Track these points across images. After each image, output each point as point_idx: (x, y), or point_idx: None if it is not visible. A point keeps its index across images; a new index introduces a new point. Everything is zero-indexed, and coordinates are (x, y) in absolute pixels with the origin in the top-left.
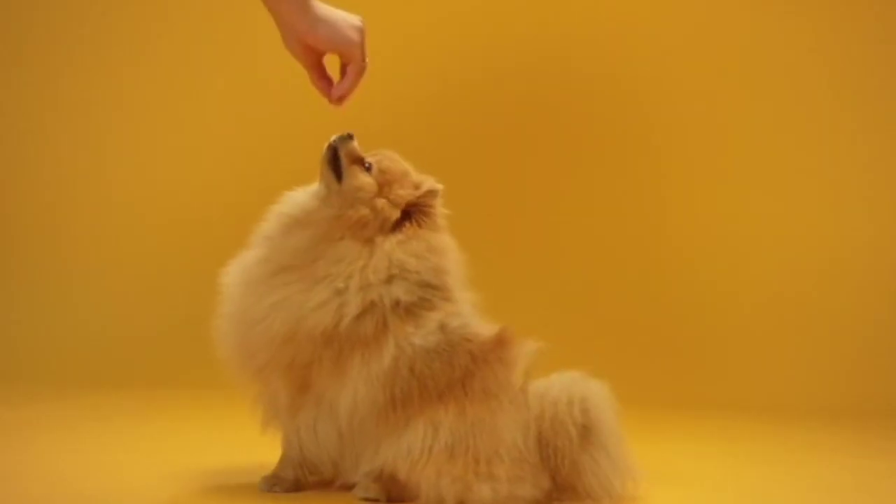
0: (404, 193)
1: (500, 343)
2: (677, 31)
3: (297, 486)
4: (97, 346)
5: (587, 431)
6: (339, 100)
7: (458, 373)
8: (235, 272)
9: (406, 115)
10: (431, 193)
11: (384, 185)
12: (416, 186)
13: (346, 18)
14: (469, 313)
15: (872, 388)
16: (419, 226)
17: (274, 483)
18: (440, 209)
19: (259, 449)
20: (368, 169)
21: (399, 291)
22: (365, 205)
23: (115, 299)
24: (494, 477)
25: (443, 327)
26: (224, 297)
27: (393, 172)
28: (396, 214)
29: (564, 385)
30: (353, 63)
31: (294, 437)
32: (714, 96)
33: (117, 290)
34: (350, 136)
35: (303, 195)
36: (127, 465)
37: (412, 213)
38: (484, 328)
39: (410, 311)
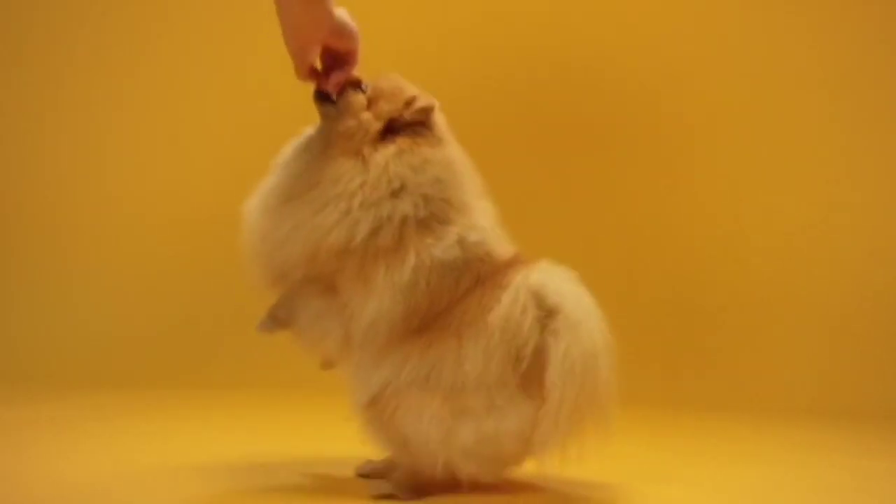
0: (389, 108)
1: (508, 265)
2: (694, 25)
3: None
4: (97, 346)
5: (550, 314)
6: (337, 86)
7: (459, 294)
8: (254, 201)
9: None
10: (423, 111)
11: (372, 101)
12: (408, 103)
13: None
14: (487, 227)
15: (872, 388)
16: (415, 140)
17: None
18: (440, 122)
19: (259, 450)
20: (364, 90)
21: (406, 207)
22: (352, 117)
23: (115, 299)
24: (470, 411)
25: (461, 241)
26: (245, 225)
27: (383, 90)
28: (378, 126)
29: (520, 283)
30: (354, 55)
31: (293, 307)
32: (720, 97)
33: (117, 290)
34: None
35: (310, 128)
36: (127, 464)
37: (404, 127)
38: (502, 248)
39: (426, 224)
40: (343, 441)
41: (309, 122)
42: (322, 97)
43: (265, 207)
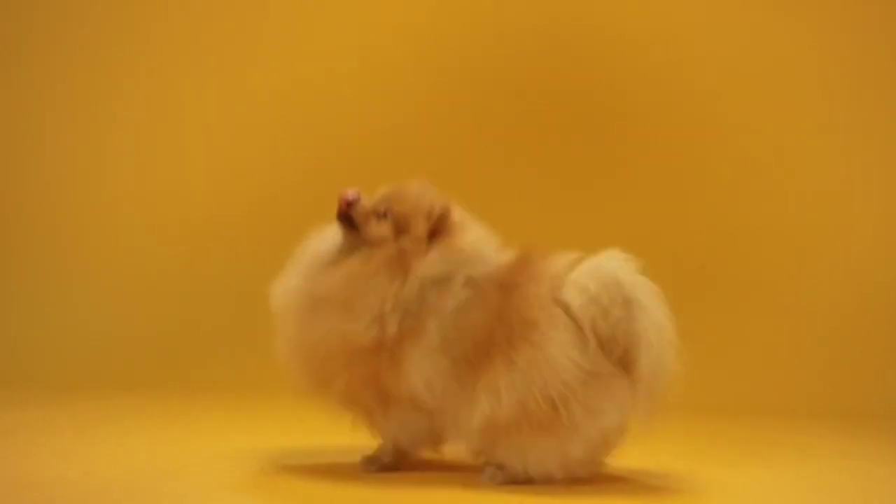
0: (420, 231)
1: (524, 262)
2: (709, 13)
3: (395, 468)
4: (97, 347)
5: (629, 303)
6: None
7: (493, 313)
8: (280, 298)
9: (413, 110)
10: (443, 216)
11: (400, 229)
12: (429, 215)
13: None
14: (481, 247)
15: (873, 389)
16: (445, 234)
17: (372, 463)
18: (455, 218)
19: (259, 450)
20: (384, 215)
21: (430, 295)
22: (391, 247)
23: (115, 300)
24: (574, 424)
25: (469, 281)
26: (278, 323)
27: (405, 214)
28: (426, 246)
29: (591, 272)
30: None
31: (389, 434)
32: (721, 100)
33: (117, 291)
34: (356, 198)
35: (333, 238)
36: (127, 465)
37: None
38: (502, 255)
39: (437, 290)
40: (343, 440)
41: (309, 126)
42: (346, 221)
43: (294, 308)
